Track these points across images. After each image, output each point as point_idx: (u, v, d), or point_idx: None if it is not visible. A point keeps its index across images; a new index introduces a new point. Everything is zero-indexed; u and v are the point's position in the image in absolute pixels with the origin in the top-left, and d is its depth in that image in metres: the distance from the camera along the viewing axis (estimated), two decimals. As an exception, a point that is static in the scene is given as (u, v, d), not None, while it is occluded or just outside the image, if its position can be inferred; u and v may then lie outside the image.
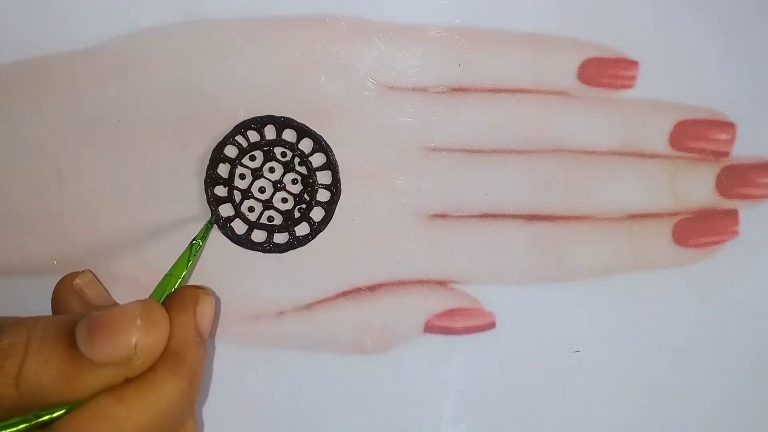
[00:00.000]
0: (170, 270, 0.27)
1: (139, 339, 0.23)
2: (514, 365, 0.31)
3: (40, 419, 0.22)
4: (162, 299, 0.26)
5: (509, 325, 0.31)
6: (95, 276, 0.29)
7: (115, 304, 0.29)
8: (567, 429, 0.32)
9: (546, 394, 0.31)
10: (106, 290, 0.29)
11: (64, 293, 0.28)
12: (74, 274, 0.28)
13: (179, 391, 0.24)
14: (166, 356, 0.24)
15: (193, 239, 0.28)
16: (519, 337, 0.31)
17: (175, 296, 0.26)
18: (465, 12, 0.30)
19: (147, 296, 0.30)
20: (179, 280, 0.27)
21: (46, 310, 0.30)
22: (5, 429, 0.22)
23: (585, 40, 0.30)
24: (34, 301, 0.31)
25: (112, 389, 0.23)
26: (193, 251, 0.28)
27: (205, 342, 0.26)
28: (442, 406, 0.31)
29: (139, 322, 0.23)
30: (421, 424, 0.31)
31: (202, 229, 0.29)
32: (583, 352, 0.31)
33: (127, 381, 0.23)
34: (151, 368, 0.24)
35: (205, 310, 0.26)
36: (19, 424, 0.22)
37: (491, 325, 0.31)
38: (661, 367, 0.31)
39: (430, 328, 0.31)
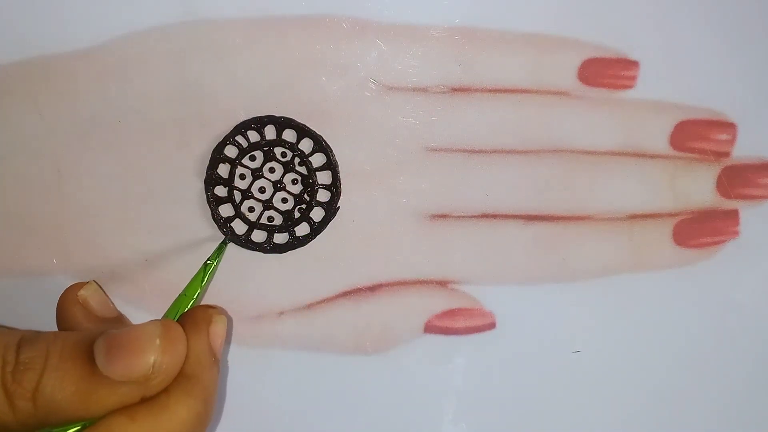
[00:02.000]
0: (184, 290, 0.27)
1: (157, 358, 0.23)
2: (514, 365, 0.31)
3: None
4: (176, 319, 0.26)
5: (509, 326, 0.31)
6: (100, 286, 0.29)
7: (119, 314, 0.29)
8: (567, 429, 0.32)
9: (546, 395, 0.31)
10: (111, 300, 0.29)
11: (68, 304, 0.28)
12: (79, 285, 0.28)
13: (194, 414, 0.24)
14: (180, 378, 0.24)
15: (207, 260, 0.28)
16: (519, 337, 0.31)
17: (188, 317, 0.26)
18: (465, 12, 0.30)
19: (147, 295, 0.30)
20: (192, 301, 0.27)
21: (45, 311, 0.30)
22: None
23: (585, 40, 0.30)
24: (34, 302, 0.31)
25: (125, 409, 0.23)
26: (207, 271, 0.28)
27: (218, 363, 0.26)
28: (442, 407, 0.31)
29: (158, 341, 0.23)
30: (421, 425, 0.31)
31: (216, 249, 0.29)
32: (583, 352, 0.31)
33: (142, 401, 0.23)
34: (165, 390, 0.24)
35: (218, 330, 0.26)
36: None
37: (491, 326, 0.31)
38: (661, 367, 0.31)
39: (430, 328, 0.31)
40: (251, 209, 0.30)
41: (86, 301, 0.28)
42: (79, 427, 0.22)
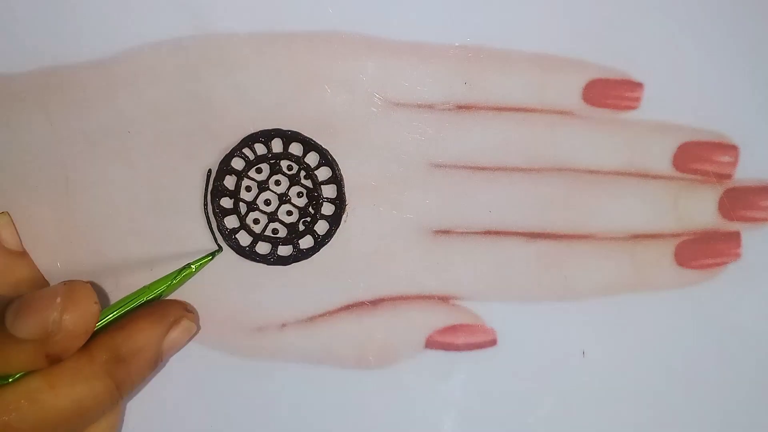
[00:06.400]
0: (150, 284, 0.28)
1: (57, 316, 0.23)
2: (514, 383, 0.31)
3: None
4: (129, 306, 0.27)
5: (510, 343, 0.31)
6: (12, 220, 0.29)
7: (25, 251, 0.29)
8: (567, 448, 0.32)
9: (546, 412, 0.31)
10: (20, 240, 0.29)
11: None
12: None
13: (107, 393, 0.25)
14: (112, 356, 0.25)
15: (190, 262, 0.29)
16: (520, 354, 0.31)
17: (159, 306, 0.27)
18: (472, 31, 0.30)
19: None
20: (153, 295, 0.27)
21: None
22: None
23: (590, 61, 0.30)
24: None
25: (46, 374, 0.24)
26: (182, 273, 0.28)
27: (158, 364, 0.26)
28: (441, 423, 0.31)
29: (59, 300, 0.24)
30: (420, 440, 0.31)
31: (205, 257, 0.29)
32: (583, 370, 0.31)
33: (61, 365, 0.24)
34: (90, 361, 0.25)
35: (179, 336, 0.27)
36: None
37: (492, 342, 0.31)
38: (662, 387, 0.31)
39: (431, 343, 0.31)
40: (256, 221, 0.31)
41: None
42: None
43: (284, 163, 0.30)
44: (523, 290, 0.31)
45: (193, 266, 0.29)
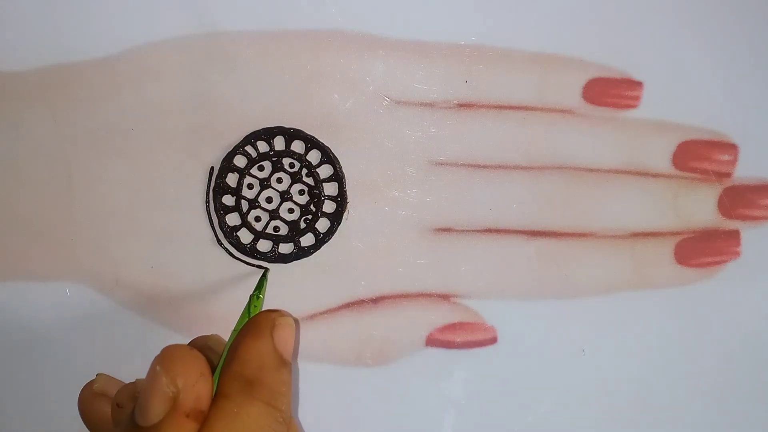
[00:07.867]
0: (235, 327, 0.28)
1: (166, 381, 0.23)
2: (514, 380, 0.31)
3: None
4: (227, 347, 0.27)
5: (510, 341, 0.31)
6: (108, 375, 0.29)
7: (134, 386, 0.29)
8: (566, 447, 0.32)
9: (546, 410, 0.31)
10: (122, 381, 0.29)
11: (89, 401, 0.28)
12: (90, 383, 0.29)
13: (262, 413, 0.24)
14: (242, 384, 0.25)
15: (252, 293, 0.29)
16: (520, 352, 0.31)
17: (250, 324, 0.26)
18: (473, 30, 0.30)
19: (152, 302, 0.31)
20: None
21: (49, 315, 0.31)
22: None
23: (590, 60, 0.31)
24: (38, 306, 0.31)
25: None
26: (251, 304, 0.28)
27: (286, 364, 0.26)
28: (441, 420, 0.31)
29: (158, 368, 0.23)
30: (420, 438, 0.31)
31: (259, 282, 0.30)
32: (583, 368, 0.31)
33: (208, 419, 0.24)
34: (228, 398, 0.24)
35: (282, 333, 0.26)
36: None
37: (493, 340, 0.31)
38: (662, 385, 0.31)
39: (431, 341, 0.31)
40: (258, 219, 0.31)
41: (104, 390, 0.29)
42: None
43: (286, 161, 0.30)
44: (524, 288, 0.31)
45: (260, 295, 0.29)
